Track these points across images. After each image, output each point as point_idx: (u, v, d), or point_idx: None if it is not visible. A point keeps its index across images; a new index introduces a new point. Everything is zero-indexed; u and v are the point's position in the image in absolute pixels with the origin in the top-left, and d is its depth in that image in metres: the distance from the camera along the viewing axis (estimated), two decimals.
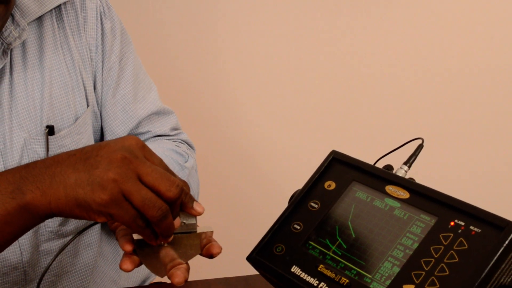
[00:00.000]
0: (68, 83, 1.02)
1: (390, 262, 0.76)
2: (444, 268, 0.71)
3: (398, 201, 0.80)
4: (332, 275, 0.78)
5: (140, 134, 1.12)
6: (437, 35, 1.90)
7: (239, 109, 1.86)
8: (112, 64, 1.08)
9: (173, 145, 1.12)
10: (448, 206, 0.76)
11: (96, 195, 0.70)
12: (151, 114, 1.12)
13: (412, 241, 0.76)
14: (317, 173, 0.88)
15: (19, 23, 0.96)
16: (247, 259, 0.85)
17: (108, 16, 1.07)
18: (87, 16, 1.05)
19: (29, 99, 0.98)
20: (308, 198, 0.87)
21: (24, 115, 0.97)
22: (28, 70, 0.98)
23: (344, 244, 0.80)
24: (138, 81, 1.13)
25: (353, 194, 0.84)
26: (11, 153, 0.95)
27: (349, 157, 0.87)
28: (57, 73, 1.01)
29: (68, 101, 1.02)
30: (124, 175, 0.70)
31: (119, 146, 0.73)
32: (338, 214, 0.83)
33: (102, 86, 1.08)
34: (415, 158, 0.87)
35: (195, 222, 0.80)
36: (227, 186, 1.90)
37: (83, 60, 1.04)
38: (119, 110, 1.09)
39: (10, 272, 0.98)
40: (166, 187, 0.72)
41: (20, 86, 0.97)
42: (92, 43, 1.05)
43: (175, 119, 1.18)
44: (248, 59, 1.82)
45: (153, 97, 1.14)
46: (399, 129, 1.92)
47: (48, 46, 1.01)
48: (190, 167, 1.11)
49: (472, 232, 0.72)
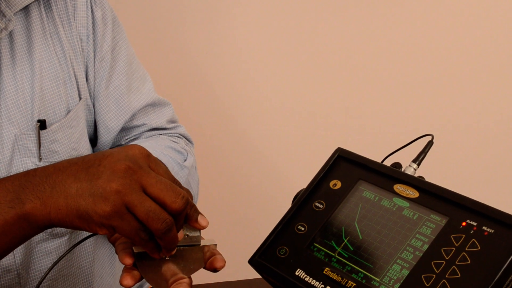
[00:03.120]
0: (59, 75, 1.01)
1: (399, 265, 0.75)
2: (456, 271, 0.71)
3: (407, 200, 0.80)
4: (338, 278, 0.77)
5: (135, 127, 1.11)
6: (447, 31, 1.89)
7: (241, 106, 1.86)
8: (104, 54, 1.07)
9: (171, 141, 1.12)
10: (459, 206, 0.75)
11: (98, 206, 0.70)
12: (146, 105, 1.12)
13: (422, 242, 0.76)
14: (322, 171, 0.88)
15: (5, 14, 0.94)
16: (249, 262, 0.85)
17: (98, 4, 1.06)
18: (76, 4, 1.04)
19: (19, 93, 0.97)
20: (313, 198, 0.87)
21: (14, 110, 0.96)
22: (16, 62, 0.97)
23: (351, 246, 0.80)
24: (132, 72, 1.12)
25: (359, 194, 0.84)
26: (1, 149, 0.95)
27: (355, 155, 0.87)
28: (47, 64, 1.00)
29: (59, 94, 1.01)
30: (127, 186, 0.70)
31: (123, 156, 0.72)
32: (344, 214, 0.83)
33: (95, 78, 1.07)
34: (424, 156, 0.87)
35: (199, 234, 0.80)
36: (228, 185, 1.90)
37: (74, 50, 1.03)
38: (112, 102, 1.08)
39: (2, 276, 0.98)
40: (171, 198, 0.72)
41: (8, 79, 0.96)
42: (83, 33, 1.04)
43: (171, 110, 1.17)
44: (251, 55, 1.82)
45: (147, 88, 1.13)
46: (408, 125, 1.92)
47: (36, 37, 0.99)
48: (190, 166, 1.11)
49: (485, 232, 0.72)
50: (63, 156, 1.00)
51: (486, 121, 1.97)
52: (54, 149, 0.99)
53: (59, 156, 1.00)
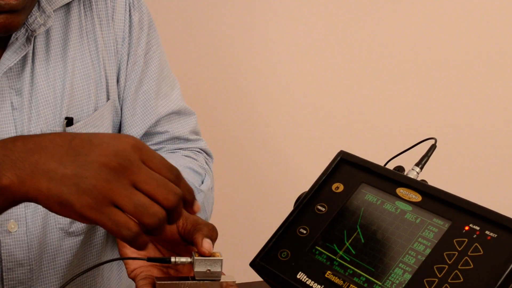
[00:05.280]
0: (90, 74, 1.03)
1: (401, 269, 0.76)
2: (458, 275, 0.71)
3: (409, 204, 0.80)
4: (340, 282, 0.78)
5: (158, 134, 1.12)
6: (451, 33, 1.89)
7: (242, 109, 1.86)
8: (137, 57, 1.08)
9: (190, 160, 1.12)
10: (462, 210, 0.76)
11: (82, 198, 0.68)
12: (172, 113, 1.12)
13: (424, 246, 0.76)
14: (324, 174, 0.88)
15: (44, 10, 0.96)
16: (251, 265, 0.85)
17: (137, 7, 1.08)
18: (115, 6, 1.05)
19: (50, 89, 0.98)
20: (315, 201, 0.87)
21: (43, 105, 0.98)
22: (51, 59, 0.99)
23: (353, 250, 0.80)
24: (163, 77, 1.13)
25: (362, 197, 0.84)
26: None
27: (358, 158, 0.87)
28: (80, 63, 1.02)
29: (89, 93, 1.02)
30: (116, 183, 0.69)
31: (113, 151, 0.70)
32: (347, 217, 0.83)
33: (126, 80, 1.08)
34: (427, 159, 0.87)
35: (220, 270, 0.80)
36: (229, 188, 1.90)
37: (108, 51, 1.05)
38: (139, 106, 1.09)
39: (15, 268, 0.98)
40: (163, 195, 0.70)
41: (41, 75, 0.98)
42: (119, 35, 1.06)
43: (195, 121, 1.17)
44: (254, 58, 1.82)
45: (175, 95, 1.14)
46: (411, 128, 1.92)
47: (73, 35, 1.01)
48: (206, 190, 1.11)
49: (488, 237, 0.72)
50: None
51: (489, 125, 1.97)
52: None
53: None
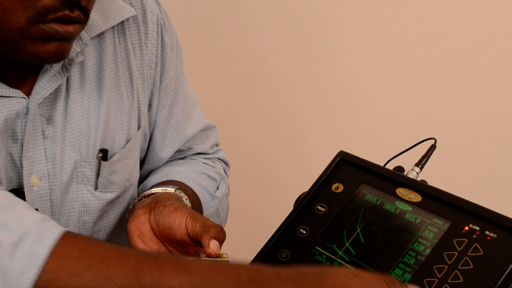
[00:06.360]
0: (124, 104, 0.99)
1: (401, 269, 0.76)
2: (458, 275, 0.71)
3: (409, 204, 0.80)
4: None
5: (181, 151, 1.10)
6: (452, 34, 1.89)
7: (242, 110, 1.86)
8: (169, 81, 1.05)
9: (206, 166, 1.11)
10: (462, 210, 0.76)
11: None
12: (197, 132, 1.11)
13: (424, 246, 0.76)
14: (324, 174, 0.88)
15: (81, 38, 0.92)
16: None
17: (168, 29, 1.04)
18: (148, 30, 1.01)
19: (84, 119, 0.95)
20: (315, 201, 0.87)
21: (77, 136, 0.94)
22: (85, 88, 0.95)
23: (353, 250, 0.80)
24: (187, 97, 1.10)
25: (362, 197, 0.84)
26: (60, 174, 0.93)
27: (358, 158, 0.87)
28: (115, 93, 0.98)
29: (122, 124, 0.99)
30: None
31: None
32: (346, 218, 0.83)
33: (158, 104, 1.05)
34: (427, 159, 0.87)
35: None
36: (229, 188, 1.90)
37: (142, 78, 1.02)
38: (170, 130, 1.07)
39: None
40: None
41: (76, 105, 0.94)
42: (152, 59, 1.02)
43: (215, 134, 1.16)
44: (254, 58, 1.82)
45: (198, 113, 1.12)
46: (411, 128, 1.92)
47: (107, 64, 0.97)
48: (221, 196, 1.10)
49: (488, 237, 0.72)
50: (118, 187, 0.99)
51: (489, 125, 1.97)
52: (112, 180, 0.98)
53: (114, 186, 0.99)
